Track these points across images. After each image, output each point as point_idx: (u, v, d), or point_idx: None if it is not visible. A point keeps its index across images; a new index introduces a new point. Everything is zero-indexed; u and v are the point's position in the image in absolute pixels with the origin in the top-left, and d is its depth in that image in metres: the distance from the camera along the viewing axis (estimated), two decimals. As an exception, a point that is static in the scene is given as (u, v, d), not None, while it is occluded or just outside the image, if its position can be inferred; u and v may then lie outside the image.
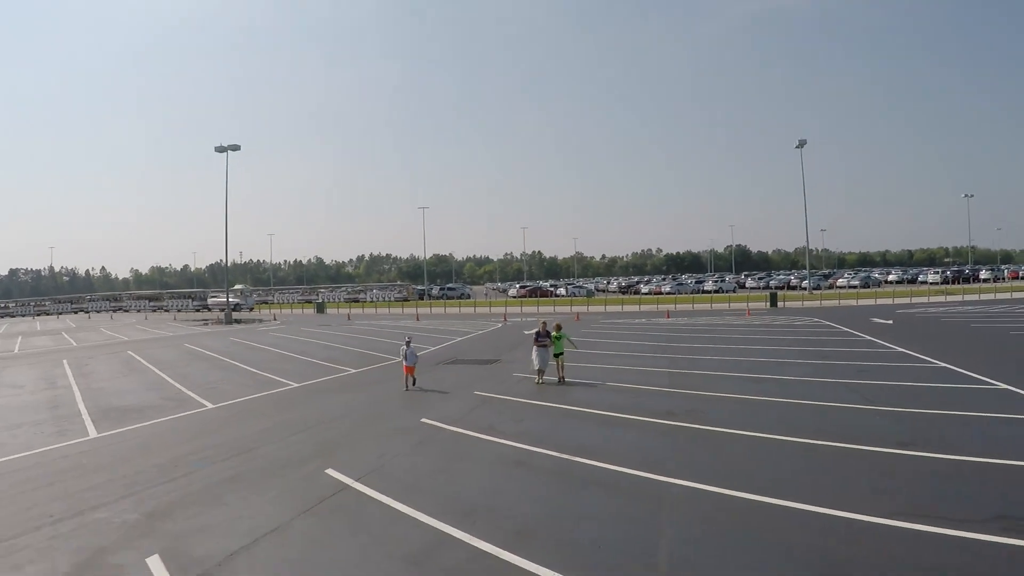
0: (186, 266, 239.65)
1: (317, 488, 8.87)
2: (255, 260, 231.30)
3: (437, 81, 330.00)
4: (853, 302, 49.61)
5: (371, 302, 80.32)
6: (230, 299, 64.57)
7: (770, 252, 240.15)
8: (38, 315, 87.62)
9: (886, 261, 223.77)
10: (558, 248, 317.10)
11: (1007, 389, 13.89)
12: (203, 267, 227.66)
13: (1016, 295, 50.22)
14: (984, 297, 49.80)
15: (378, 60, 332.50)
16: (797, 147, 63.26)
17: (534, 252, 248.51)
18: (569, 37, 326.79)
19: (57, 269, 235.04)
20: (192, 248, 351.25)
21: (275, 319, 56.79)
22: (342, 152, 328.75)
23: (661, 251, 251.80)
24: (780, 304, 48.79)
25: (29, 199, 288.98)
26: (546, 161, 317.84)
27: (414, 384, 16.95)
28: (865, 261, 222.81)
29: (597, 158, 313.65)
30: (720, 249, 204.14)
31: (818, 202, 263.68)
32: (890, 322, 31.50)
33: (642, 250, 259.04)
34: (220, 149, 54.46)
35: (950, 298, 50.17)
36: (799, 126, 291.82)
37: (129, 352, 29.74)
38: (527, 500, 8.16)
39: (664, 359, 20.61)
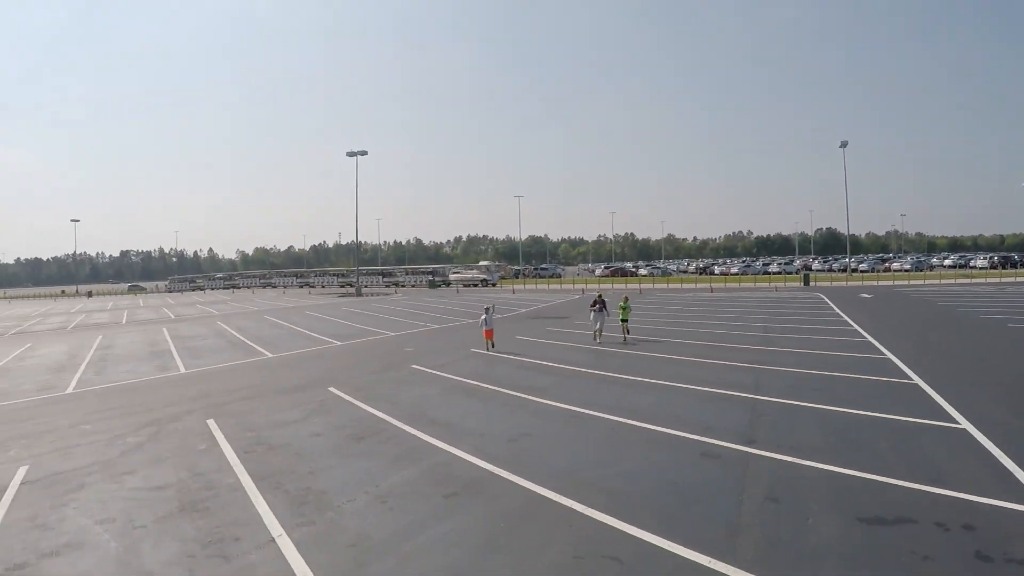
0: (291, 247, 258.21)
1: (470, 354, 19.86)
2: (357, 241, 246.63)
3: (522, 73, 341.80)
4: (874, 283, 57.09)
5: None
6: (479, 275, 79.85)
7: (863, 235, 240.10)
8: (228, 288, 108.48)
9: (977, 246, 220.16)
10: (651, 230, 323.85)
11: (869, 342, 23.24)
12: (307, 248, 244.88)
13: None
14: (1014, 280, 52.59)
15: (457, 48, 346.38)
16: (840, 147, 70.11)
17: (627, 234, 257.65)
18: (650, 27, 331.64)
19: (167, 251, 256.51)
20: (290, 230, 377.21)
21: (397, 292, 69.62)
22: (436, 140, 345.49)
23: (752, 233, 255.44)
24: (812, 284, 57.09)
25: (134, 186, 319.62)
26: (639, 147, 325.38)
27: (492, 347, 20.47)
28: (956, 245, 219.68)
29: (692, 143, 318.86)
30: (810, 232, 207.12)
31: (908, 185, 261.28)
32: (870, 296, 39.85)
33: (734, 232, 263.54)
34: (351, 154, 66.88)
35: (965, 281, 56.20)
36: (890, 109, 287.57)
37: (309, 309, 42.41)
38: (558, 350, 18.89)
39: (672, 315, 30.72)
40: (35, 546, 6.83)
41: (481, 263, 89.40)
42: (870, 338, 20.54)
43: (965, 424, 10.10)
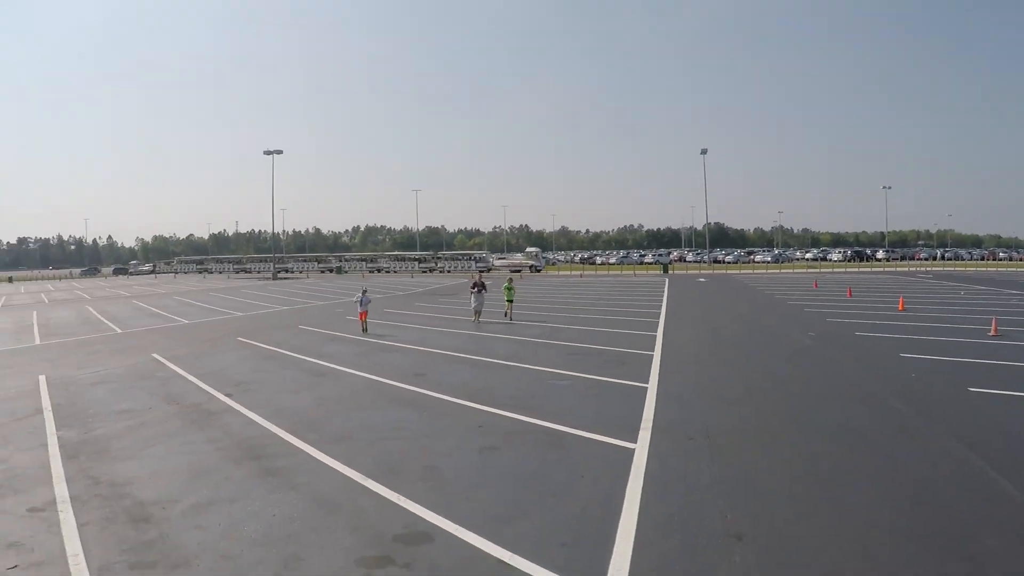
0: (191, 234, 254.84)
1: (383, 313, 29.11)
2: (256, 230, 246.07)
3: (422, 61, 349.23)
4: (723, 272, 69.65)
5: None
6: (527, 260, 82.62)
7: (751, 230, 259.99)
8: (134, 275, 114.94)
9: (859, 241, 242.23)
10: (545, 222, 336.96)
11: (661, 306, 34.02)
12: (206, 236, 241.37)
13: (880, 271, 65.51)
14: (843, 271, 65.65)
15: (355, 38, 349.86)
16: (701, 154, 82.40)
17: (522, 226, 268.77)
18: (555, 23, 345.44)
19: (66, 238, 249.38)
20: (185, 217, 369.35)
21: (308, 277, 77.87)
22: (333, 131, 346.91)
23: (643, 227, 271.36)
24: (669, 272, 68.89)
25: (32, 171, 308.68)
26: (534, 141, 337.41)
27: (365, 331, 22.20)
28: (839, 241, 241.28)
29: (584, 136, 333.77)
30: (698, 226, 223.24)
31: (799, 183, 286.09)
32: (704, 281, 51.51)
33: (626, 225, 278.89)
34: (267, 152, 74.08)
35: (802, 271, 69.53)
36: (762, 114, 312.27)
37: (242, 289, 50.61)
38: (444, 312, 28.47)
39: (533, 294, 40.83)
40: (209, 365, 15.86)
41: (529, 250, 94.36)
42: (664, 304, 30.98)
43: (659, 333, 20.33)
